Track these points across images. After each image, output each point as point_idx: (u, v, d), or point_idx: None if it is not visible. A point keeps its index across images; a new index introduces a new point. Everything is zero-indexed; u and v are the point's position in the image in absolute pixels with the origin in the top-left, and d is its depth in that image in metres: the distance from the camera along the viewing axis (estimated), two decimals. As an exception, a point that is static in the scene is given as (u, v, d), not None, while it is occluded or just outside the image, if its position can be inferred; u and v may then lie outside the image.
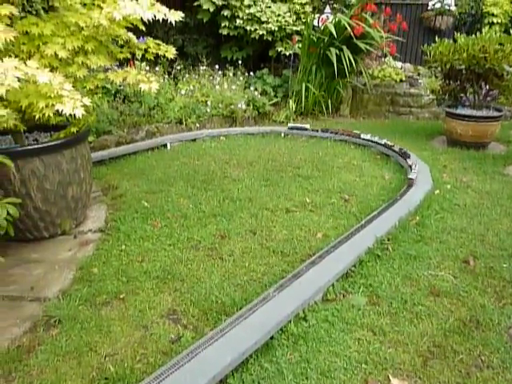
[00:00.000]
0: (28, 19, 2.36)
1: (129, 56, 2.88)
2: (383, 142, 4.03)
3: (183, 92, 4.96)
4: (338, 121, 5.63)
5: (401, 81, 5.92)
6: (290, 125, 4.78)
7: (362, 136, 4.25)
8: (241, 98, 5.16)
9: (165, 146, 4.30)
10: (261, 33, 5.59)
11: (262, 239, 2.51)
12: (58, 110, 2.10)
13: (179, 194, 3.13)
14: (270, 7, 5.64)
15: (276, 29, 5.58)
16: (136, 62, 4.92)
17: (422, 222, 2.61)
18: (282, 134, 4.73)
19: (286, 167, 3.68)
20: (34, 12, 3.79)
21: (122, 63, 4.64)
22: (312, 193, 3.14)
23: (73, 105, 2.10)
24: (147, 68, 5.01)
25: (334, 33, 5.06)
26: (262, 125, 5.23)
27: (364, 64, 5.76)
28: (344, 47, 5.21)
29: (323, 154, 4.03)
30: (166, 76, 5.33)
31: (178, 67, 5.54)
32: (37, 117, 2.17)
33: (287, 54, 5.81)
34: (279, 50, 5.83)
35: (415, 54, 7.27)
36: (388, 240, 2.38)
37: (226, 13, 5.55)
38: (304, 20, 5.67)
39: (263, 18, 5.54)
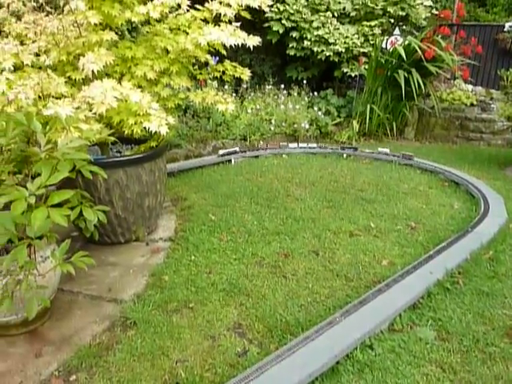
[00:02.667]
0: (123, 43, 2.60)
1: (207, 77, 3.06)
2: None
3: (249, 110, 5.12)
4: (402, 143, 5.52)
5: (471, 105, 5.70)
6: (220, 152, 4.53)
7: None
8: (304, 117, 5.23)
9: (229, 161, 4.46)
10: (327, 54, 5.66)
11: (325, 261, 2.52)
12: (144, 127, 2.29)
13: (244, 209, 3.23)
14: (338, 29, 5.71)
15: (343, 50, 5.63)
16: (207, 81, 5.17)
17: (495, 257, 2.49)
18: (344, 155, 4.72)
19: (348, 189, 3.67)
20: (120, 33, 4.15)
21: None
22: (376, 217, 3.11)
23: (158, 123, 2.28)
24: (216, 86, 5.25)
25: (404, 55, 5.00)
26: (323, 144, 5.25)
27: (432, 86, 5.63)
28: (413, 70, 5.13)
29: (387, 178, 3.97)
30: (234, 94, 5.54)
31: (245, 86, 5.74)
32: (126, 132, 2.36)
33: (353, 75, 5.82)
34: (345, 70, 5.86)
35: (488, 76, 6.99)
36: (459, 273, 2.30)
37: (294, 34, 5.69)
38: (372, 42, 5.66)
39: (331, 40, 5.62)
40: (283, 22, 5.59)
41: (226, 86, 5.27)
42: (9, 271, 1.60)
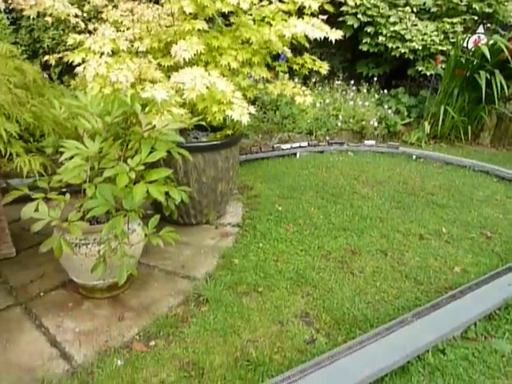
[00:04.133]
0: (211, 33, 2.69)
1: (285, 69, 3.09)
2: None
3: (318, 105, 5.10)
4: (476, 149, 5.23)
5: (559, 112, 5.26)
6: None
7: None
8: (373, 114, 5.12)
9: (294, 154, 4.48)
10: (402, 51, 5.47)
11: (393, 261, 2.49)
12: (227, 115, 2.37)
13: (309, 202, 3.25)
14: (416, 25, 5.49)
15: (419, 47, 5.40)
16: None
17: None
18: (414, 157, 4.57)
19: (418, 192, 3.56)
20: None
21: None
22: (448, 223, 3.00)
23: (240, 112, 2.35)
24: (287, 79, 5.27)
25: (488, 55, 4.72)
26: (391, 144, 5.11)
27: (515, 90, 5.26)
28: (496, 71, 4.83)
29: (460, 183, 3.80)
30: (303, 88, 5.52)
31: (314, 80, 5.71)
32: (208, 119, 2.46)
33: (427, 74, 5.58)
34: (419, 69, 5.63)
35: None
36: (541, 288, 2.17)
37: (369, 29, 5.55)
38: (452, 40, 5.39)
39: (407, 36, 5.41)
40: (359, 16, 5.47)
41: (296, 80, 5.27)
42: (105, 239, 1.75)
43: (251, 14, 2.85)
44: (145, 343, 1.80)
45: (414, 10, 5.54)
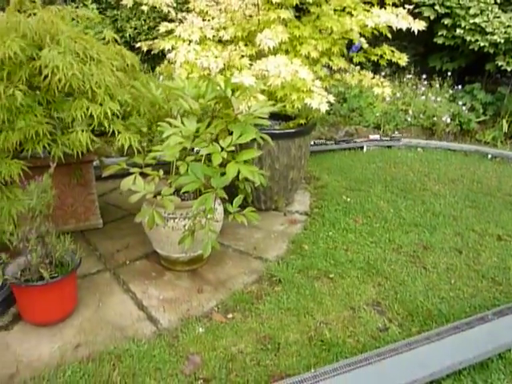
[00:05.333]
0: (292, 22, 2.74)
1: (363, 60, 3.07)
2: None
3: (387, 98, 4.98)
4: (559, 151, 4.85)
5: None
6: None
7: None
8: (446, 111, 4.91)
9: (361, 148, 4.42)
10: (482, 44, 5.18)
11: (468, 260, 2.41)
12: (305, 103, 2.41)
13: (378, 196, 3.22)
14: (498, 17, 5.17)
15: (501, 41, 5.08)
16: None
17: None
18: (489, 156, 4.34)
19: (494, 192, 3.40)
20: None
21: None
22: (529, 225, 2.84)
23: (319, 100, 2.38)
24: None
25: None
26: (462, 142, 4.89)
27: None
28: None
29: (542, 186, 3.56)
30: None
31: (383, 73, 5.57)
32: (287, 107, 2.52)
33: (508, 69, 5.24)
34: (499, 64, 5.30)
35: None
36: None
37: (446, 21, 5.31)
38: (540, 33, 5.02)
39: (488, 29, 5.11)
40: (436, 7, 5.25)
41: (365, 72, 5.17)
42: (193, 214, 1.87)
43: (330, 4, 2.86)
44: (223, 315, 1.91)
45: (498, 0, 5.22)
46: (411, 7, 2.57)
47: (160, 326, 1.83)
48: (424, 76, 5.59)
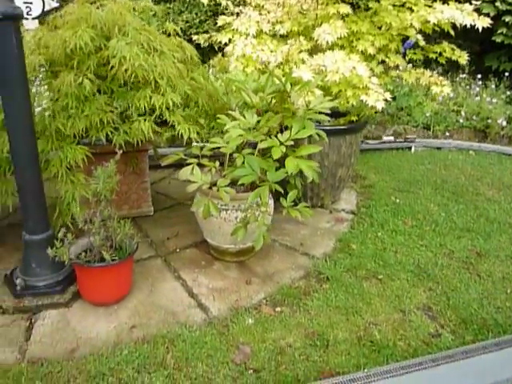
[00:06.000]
0: (350, 17, 2.69)
1: (421, 58, 2.98)
2: None
3: (440, 98, 4.81)
4: None
5: None
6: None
7: None
8: (502, 113, 4.68)
9: (409, 148, 4.30)
10: (545, 44, 4.90)
11: (526, 270, 2.30)
12: (361, 100, 2.37)
13: (428, 198, 3.12)
14: None
15: None
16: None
17: None
18: (548, 162, 4.11)
19: (555, 200, 3.21)
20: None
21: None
22: None
23: (376, 97, 2.33)
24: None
25: None
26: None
27: None
28: None
29: None
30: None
31: (435, 72, 5.37)
32: (342, 103, 2.48)
33: None
34: None
35: None
36: None
37: (507, 19, 5.06)
38: None
39: (553, 28, 4.83)
40: (497, 4, 5.01)
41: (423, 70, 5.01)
42: (248, 206, 1.89)
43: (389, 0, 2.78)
44: (272, 308, 1.92)
45: None
46: (478, 3, 2.46)
47: (210, 314, 1.86)
48: (479, 76, 5.35)
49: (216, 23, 4.90)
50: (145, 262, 2.23)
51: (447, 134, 4.62)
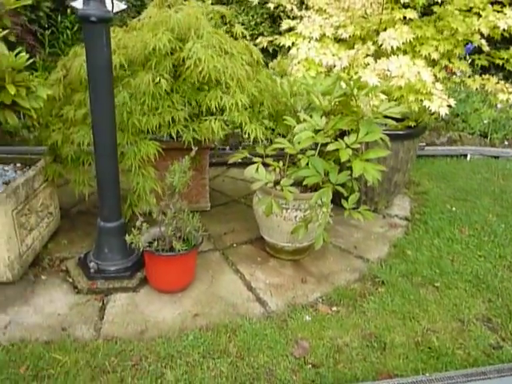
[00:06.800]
0: (415, 22, 2.67)
1: (485, 63, 2.90)
2: None
3: (499, 105, 4.64)
4: None
5: None
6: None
7: None
8: None
9: (464, 156, 4.19)
10: None
11: None
12: (424, 106, 2.36)
13: (486, 208, 3.03)
14: None
15: None
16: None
17: None
18: None
19: None
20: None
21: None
22: None
23: (439, 103, 2.31)
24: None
25: None
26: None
27: None
28: None
29: None
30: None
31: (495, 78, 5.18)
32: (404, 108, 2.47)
33: None
34: None
35: None
36: None
37: None
38: None
39: None
40: None
41: (488, 76, 4.86)
42: (311, 206, 1.94)
43: (454, 4, 2.74)
44: (328, 307, 1.96)
45: None
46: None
47: (268, 308, 1.93)
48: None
49: (271, 26, 4.98)
50: (205, 254, 2.32)
51: (506, 142, 4.45)
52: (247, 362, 1.62)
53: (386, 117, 1.96)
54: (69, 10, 4.71)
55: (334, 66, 2.29)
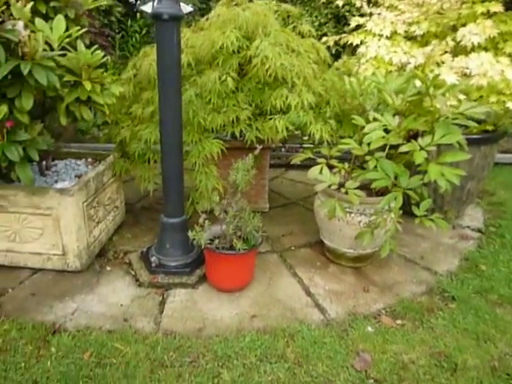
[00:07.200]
0: (498, 16, 2.46)
1: None
2: None
3: None
4: None
5: None
6: None
7: None
8: None
9: (546, 164, 3.81)
10: None
11: None
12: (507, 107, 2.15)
13: None
14: None
15: None
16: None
17: None
18: None
19: None
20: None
21: None
22: None
23: (524, 105, 2.10)
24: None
25: None
26: None
27: None
28: None
29: None
30: None
31: None
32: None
33: None
34: None
35: None
36: None
37: None
38: None
39: None
40: None
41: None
42: (375, 212, 1.83)
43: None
44: (392, 319, 1.84)
45: None
46: None
47: (328, 315, 1.85)
48: None
49: (335, 26, 4.87)
50: (262, 255, 2.29)
51: None
52: (305, 370, 1.55)
53: (470, 118, 1.81)
54: (138, 15, 4.93)
55: (408, 64, 2.16)
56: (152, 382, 1.48)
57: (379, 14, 2.63)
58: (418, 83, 1.86)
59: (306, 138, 2.87)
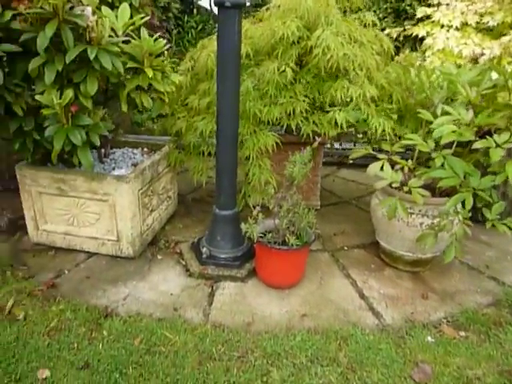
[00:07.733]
0: None
1: None
2: None
3: None
4: None
5: None
6: None
7: None
8: None
9: None
10: None
11: None
12: None
13: None
14: None
15: None
16: None
17: None
18: None
19: None
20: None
21: None
22: None
23: None
24: None
25: None
26: None
27: None
28: None
29: None
30: None
31: None
32: None
33: None
34: None
35: None
36: None
37: None
38: None
39: None
40: None
41: None
42: (441, 213, 1.70)
43: None
44: (455, 330, 1.70)
45: None
46: None
47: (383, 320, 1.74)
48: None
49: (395, 21, 4.68)
50: (314, 253, 2.21)
51: None
52: (359, 376, 1.46)
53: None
54: (195, 11, 5.00)
55: (481, 56, 1.99)
56: (200, 373, 1.46)
57: (448, 4, 2.46)
58: (494, 76, 1.71)
59: (360, 135, 2.76)
